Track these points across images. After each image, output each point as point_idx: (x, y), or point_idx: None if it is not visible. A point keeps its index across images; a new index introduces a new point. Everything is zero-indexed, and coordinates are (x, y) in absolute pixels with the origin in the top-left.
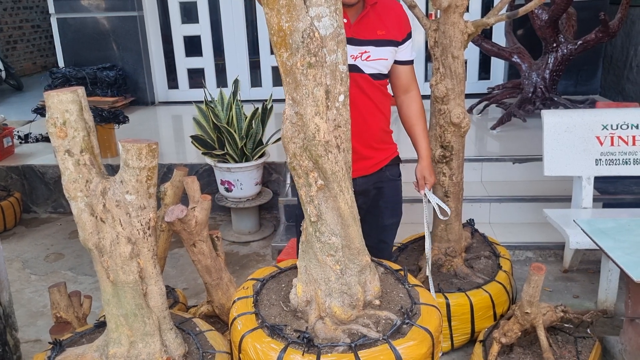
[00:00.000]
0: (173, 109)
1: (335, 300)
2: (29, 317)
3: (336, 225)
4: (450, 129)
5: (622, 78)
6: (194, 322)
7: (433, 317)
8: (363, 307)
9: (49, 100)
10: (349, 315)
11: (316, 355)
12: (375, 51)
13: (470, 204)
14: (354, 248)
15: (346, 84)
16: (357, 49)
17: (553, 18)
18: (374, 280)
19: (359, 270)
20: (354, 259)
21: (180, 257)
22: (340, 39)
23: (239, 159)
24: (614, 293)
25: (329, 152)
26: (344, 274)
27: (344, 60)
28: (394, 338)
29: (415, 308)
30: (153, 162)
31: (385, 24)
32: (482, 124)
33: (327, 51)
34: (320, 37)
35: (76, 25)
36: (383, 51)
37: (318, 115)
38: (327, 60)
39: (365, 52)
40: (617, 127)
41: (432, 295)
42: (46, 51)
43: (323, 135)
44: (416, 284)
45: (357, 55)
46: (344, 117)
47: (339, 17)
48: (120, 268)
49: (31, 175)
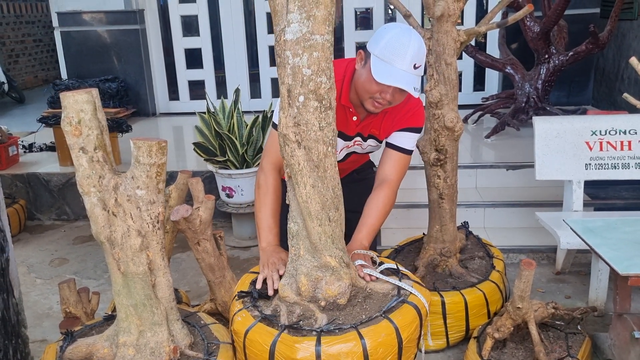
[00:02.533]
0: (174, 119)
1: (283, 279)
2: (35, 318)
3: (297, 214)
4: (444, 133)
5: (614, 90)
6: (199, 316)
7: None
8: (308, 299)
9: (65, 101)
10: (291, 298)
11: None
12: (367, 142)
13: (466, 209)
14: (312, 242)
15: (307, 86)
16: (351, 141)
17: (544, 30)
18: (332, 284)
19: (315, 265)
20: (313, 253)
21: (182, 262)
22: (310, 44)
23: (239, 166)
24: (604, 292)
25: (287, 145)
26: (296, 260)
27: (309, 65)
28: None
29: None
30: (162, 159)
31: (382, 125)
32: (477, 133)
33: (291, 54)
34: (284, 40)
35: (79, 38)
36: (373, 142)
37: (281, 109)
38: (290, 62)
39: (356, 142)
40: (605, 133)
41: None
42: (47, 65)
43: (282, 128)
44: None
45: (351, 144)
46: (304, 117)
47: (312, 24)
48: (131, 260)
49: (36, 183)
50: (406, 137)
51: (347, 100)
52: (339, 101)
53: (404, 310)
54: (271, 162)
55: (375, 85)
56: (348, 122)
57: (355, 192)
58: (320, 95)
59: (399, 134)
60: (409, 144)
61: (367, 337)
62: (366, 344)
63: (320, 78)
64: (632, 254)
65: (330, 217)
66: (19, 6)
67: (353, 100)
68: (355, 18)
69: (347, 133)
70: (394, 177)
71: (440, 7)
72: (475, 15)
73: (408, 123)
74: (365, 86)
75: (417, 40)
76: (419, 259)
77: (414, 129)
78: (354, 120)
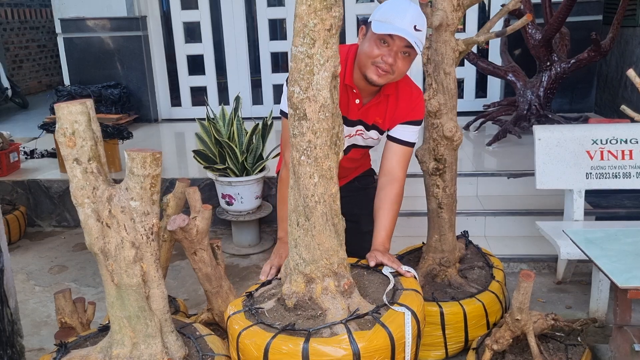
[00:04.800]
0: (176, 126)
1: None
2: (33, 326)
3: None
4: (443, 142)
5: (617, 97)
6: (194, 327)
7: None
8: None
9: (59, 112)
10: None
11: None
12: (369, 133)
13: (466, 218)
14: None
15: None
16: (353, 129)
17: (546, 38)
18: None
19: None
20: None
21: (181, 269)
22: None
23: (239, 173)
24: (605, 303)
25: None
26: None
27: None
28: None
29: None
30: (157, 170)
31: (385, 114)
32: (478, 141)
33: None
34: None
35: (82, 44)
36: (375, 134)
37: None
38: None
39: (358, 131)
40: (606, 142)
41: None
42: (51, 70)
43: None
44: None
45: (354, 133)
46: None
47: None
48: (125, 271)
49: (36, 189)
50: (409, 131)
51: (351, 80)
52: (343, 81)
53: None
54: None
55: (376, 48)
56: (350, 104)
57: (354, 202)
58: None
59: (401, 128)
60: (412, 137)
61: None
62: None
63: (293, 87)
64: (632, 266)
65: (299, 222)
66: (24, 12)
67: (357, 81)
68: (357, 25)
69: (348, 117)
70: (401, 172)
71: (438, 16)
72: (477, 22)
73: (410, 116)
74: (367, 51)
75: (416, 6)
76: (417, 268)
77: (416, 121)
78: (356, 104)
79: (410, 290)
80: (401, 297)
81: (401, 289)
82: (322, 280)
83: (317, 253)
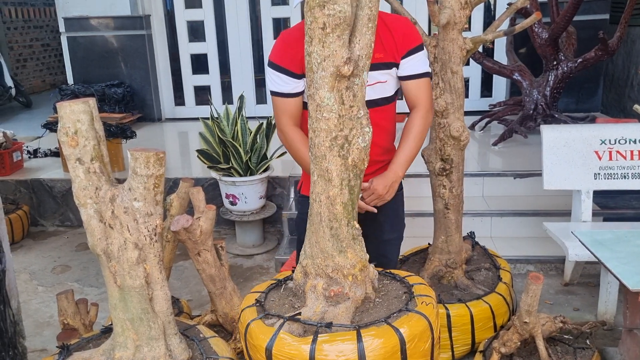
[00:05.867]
0: (179, 125)
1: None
2: (36, 327)
3: None
4: (450, 142)
5: (624, 96)
6: (198, 329)
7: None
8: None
9: (62, 111)
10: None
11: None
12: (373, 75)
13: (472, 218)
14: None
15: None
16: None
17: (553, 37)
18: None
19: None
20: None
21: (184, 270)
22: None
23: (243, 173)
24: (613, 305)
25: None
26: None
27: None
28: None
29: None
30: (160, 170)
31: (383, 46)
32: (484, 140)
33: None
34: None
35: (86, 43)
36: (381, 75)
37: None
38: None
39: None
40: (615, 142)
41: None
42: (55, 69)
43: None
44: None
45: None
46: None
47: None
48: (127, 273)
49: (39, 188)
50: (415, 61)
51: None
52: None
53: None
54: (288, 123)
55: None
56: None
57: (379, 208)
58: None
59: (407, 62)
60: (422, 66)
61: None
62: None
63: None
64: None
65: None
66: (27, 11)
67: None
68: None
69: None
70: (425, 101)
71: (445, 15)
72: (482, 21)
73: (409, 42)
74: None
75: None
76: (423, 270)
77: (418, 47)
78: None
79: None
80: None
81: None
82: (313, 278)
83: (315, 250)
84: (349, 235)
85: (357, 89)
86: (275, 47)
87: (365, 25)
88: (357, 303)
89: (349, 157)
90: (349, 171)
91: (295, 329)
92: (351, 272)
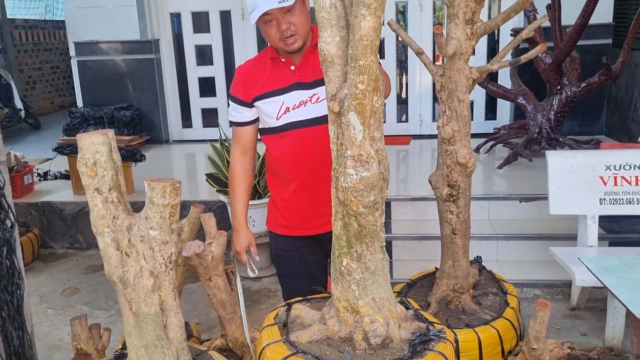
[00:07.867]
0: (187, 147)
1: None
2: (46, 350)
3: None
4: (457, 169)
5: (627, 119)
6: (210, 355)
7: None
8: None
9: (82, 142)
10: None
11: None
12: (323, 91)
13: (478, 242)
14: None
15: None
16: (306, 93)
17: (557, 61)
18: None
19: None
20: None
21: (193, 293)
22: None
23: (251, 196)
24: (620, 330)
25: None
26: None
27: None
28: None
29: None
30: (176, 200)
31: None
32: (489, 163)
33: None
34: None
35: (95, 67)
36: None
37: None
38: None
39: (314, 94)
40: (620, 168)
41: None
42: (64, 91)
43: None
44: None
45: (307, 99)
46: None
47: None
48: (143, 300)
49: (50, 211)
50: None
51: (275, 52)
52: (268, 58)
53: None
54: (236, 152)
55: (268, 30)
56: (285, 74)
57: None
58: None
59: None
60: None
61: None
62: None
63: None
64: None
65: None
66: (37, 34)
67: (282, 53)
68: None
69: (283, 85)
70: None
71: (452, 45)
72: (487, 46)
73: None
74: (268, 39)
75: None
76: (431, 294)
77: None
78: (291, 70)
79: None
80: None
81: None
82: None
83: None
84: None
85: None
86: (233, 81)
87: None
88: None
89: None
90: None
91: None
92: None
